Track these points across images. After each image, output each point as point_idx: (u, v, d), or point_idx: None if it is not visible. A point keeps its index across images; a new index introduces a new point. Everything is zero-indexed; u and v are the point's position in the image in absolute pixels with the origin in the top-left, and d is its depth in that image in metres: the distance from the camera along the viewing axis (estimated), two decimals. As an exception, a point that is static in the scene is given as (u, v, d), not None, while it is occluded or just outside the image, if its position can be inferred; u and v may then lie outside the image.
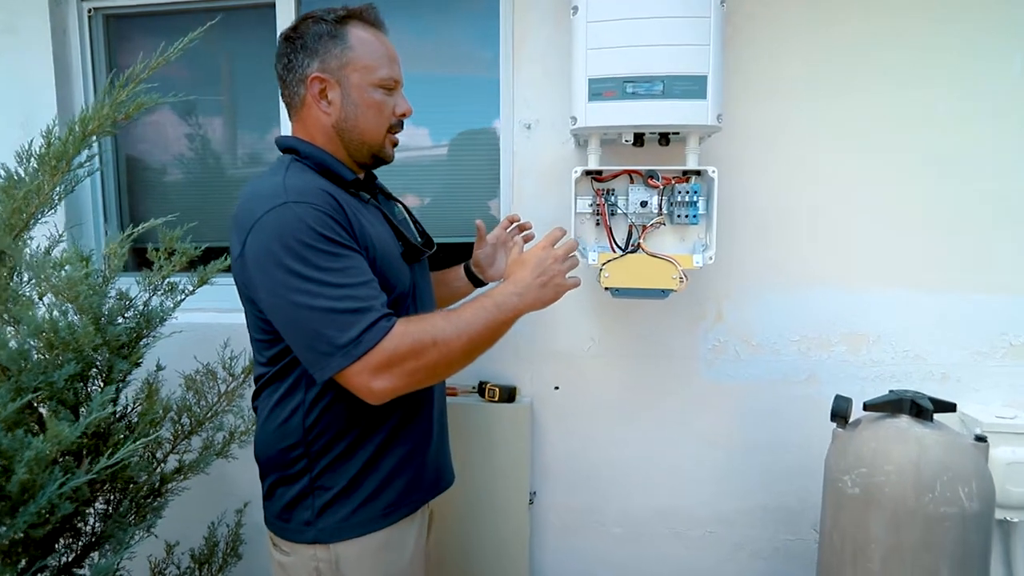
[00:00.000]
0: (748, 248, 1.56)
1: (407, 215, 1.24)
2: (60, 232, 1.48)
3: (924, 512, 1.03)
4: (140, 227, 1.32)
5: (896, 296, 1.52)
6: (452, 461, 1.31)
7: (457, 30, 1.77)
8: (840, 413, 1.18)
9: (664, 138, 1.41)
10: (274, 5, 1.76)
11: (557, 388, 1.69)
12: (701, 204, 1.38)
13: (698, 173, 1.37)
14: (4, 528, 0.99)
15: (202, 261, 1.47)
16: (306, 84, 1.02)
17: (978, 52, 1.45)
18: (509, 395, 1.62)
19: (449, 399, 1.64)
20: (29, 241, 1.39)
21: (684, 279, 1.32)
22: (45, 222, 1.36)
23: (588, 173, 1.42)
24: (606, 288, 1.35)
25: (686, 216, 1.36)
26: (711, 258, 1.36)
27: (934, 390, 1.37)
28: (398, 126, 1.10)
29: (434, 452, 1.19)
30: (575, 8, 1.32)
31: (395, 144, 1.12)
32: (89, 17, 1.88)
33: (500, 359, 1.70)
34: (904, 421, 1.12)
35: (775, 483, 1.61)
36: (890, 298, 1.53)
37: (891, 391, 1.19)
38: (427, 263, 1.26)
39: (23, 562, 1.17)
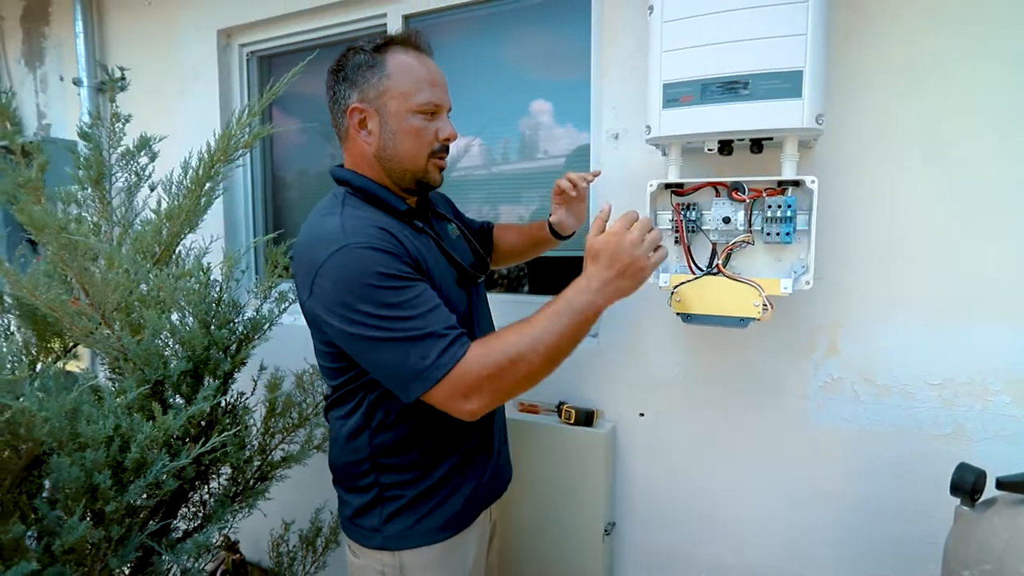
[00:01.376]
0: (869, 270, 1.30)
1: (462, 234, 1.24)
2: (207, 244, 1.75)
3: (1075, 639, 0.77)
4: (253, 241, 1.50)
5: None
6: (511, 460, 1.33)
7: (554, 35, 1.74)
8: (962, 486, 0.93)
9: (756, 145, 1.23)
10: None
11: (642, 415, 1.58)
12: (801, 219, 1.19)
13: (797, 184, 1.18)
14: (123, 496, 1.19)
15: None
16: (347, 115, 1.04)
17: None
18: (587, 418, 1.55)
19: (528, 417, 1.62)
20: (188, 255, 1.66)
21: (768, 307, 1.14)
22: (191, 237, 1.62)
23: (668, 186, 1.30)
24: (677, 313, 1.22)
25: (777, 234, 1.17)
26: (808, 283, 1.16)
27: None
28: (442, 151, 1.08)
29: (493, 461, 1.20)
30: (651, 7, 1.22)
31: (441, 168, 1.10)
32: (247, 59, 2.20)
33: (583, 379, 1.63)
34: (1059, 510, 0.84)
35: (905, 559, 1.32)
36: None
37: (1049, 466, 0.91)
38: (483, 286, 1.26)
39: (151, 523, 1.40)
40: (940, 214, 1.24)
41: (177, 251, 1.63)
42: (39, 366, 1.59)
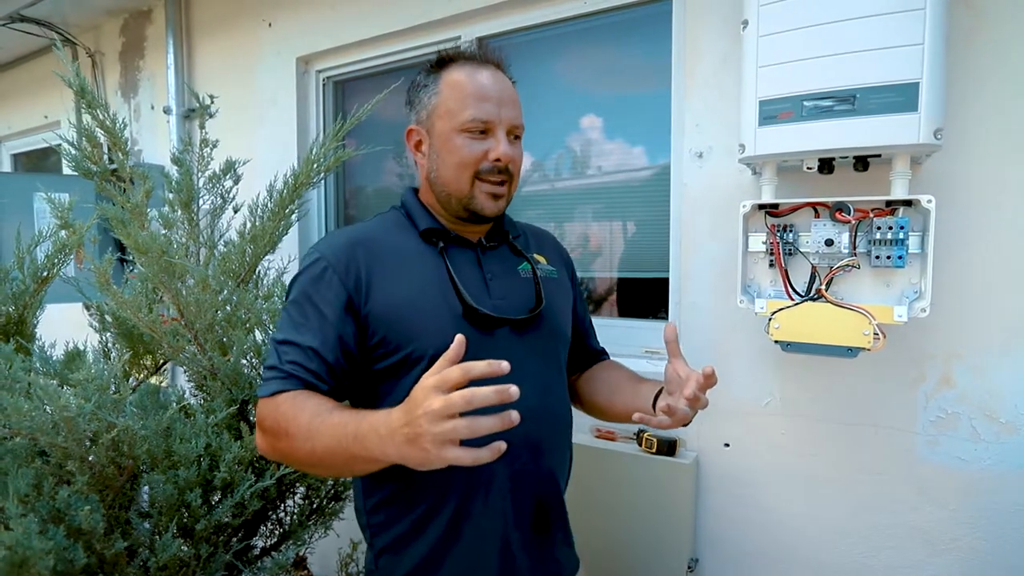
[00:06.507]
0: (991, 296, 1.19)
1: (534, 277, 1.04)
2: (284, 264, 1.79)
3: None
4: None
5: None
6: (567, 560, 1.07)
7: (629, 53, 1.70)
8: None
9: (861, 162, 1.15)
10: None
11: (727, 446, 1.49)
12: (914, 241, 1.10)
13: (909, 203, 1.09)
14: (212, 514, 1.22)
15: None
16: (406, 137, 1.02)
17: None
18: (669, 447, 1.48)
19: (606, 444, 1.56)
20: (267, 274, 1.71)
21: (880, 336, 1.06)
22: (269, 257, 1.66)
23: (762, 207, 1.24)
24: (776, 341, 1.15)
25: (888, 257, 1.09)
26: (924, 310, 1.07)
27: None
28: (490, 173, 0.95)
29: (510, 553, 0.97)
30: (745, 22, 1.17)
31: (494, 195, 0.97)
32: (323, 85, 2.27)
33: (662, 406, 1.56)
34: None
35: (1037, 616, 1.19)
36: None
37: None
38: (540, 337, 1.02)
39: (233, 541, 1.42)
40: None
41: (257, 271, 1.68)
42: (131, 380, 1.66)
